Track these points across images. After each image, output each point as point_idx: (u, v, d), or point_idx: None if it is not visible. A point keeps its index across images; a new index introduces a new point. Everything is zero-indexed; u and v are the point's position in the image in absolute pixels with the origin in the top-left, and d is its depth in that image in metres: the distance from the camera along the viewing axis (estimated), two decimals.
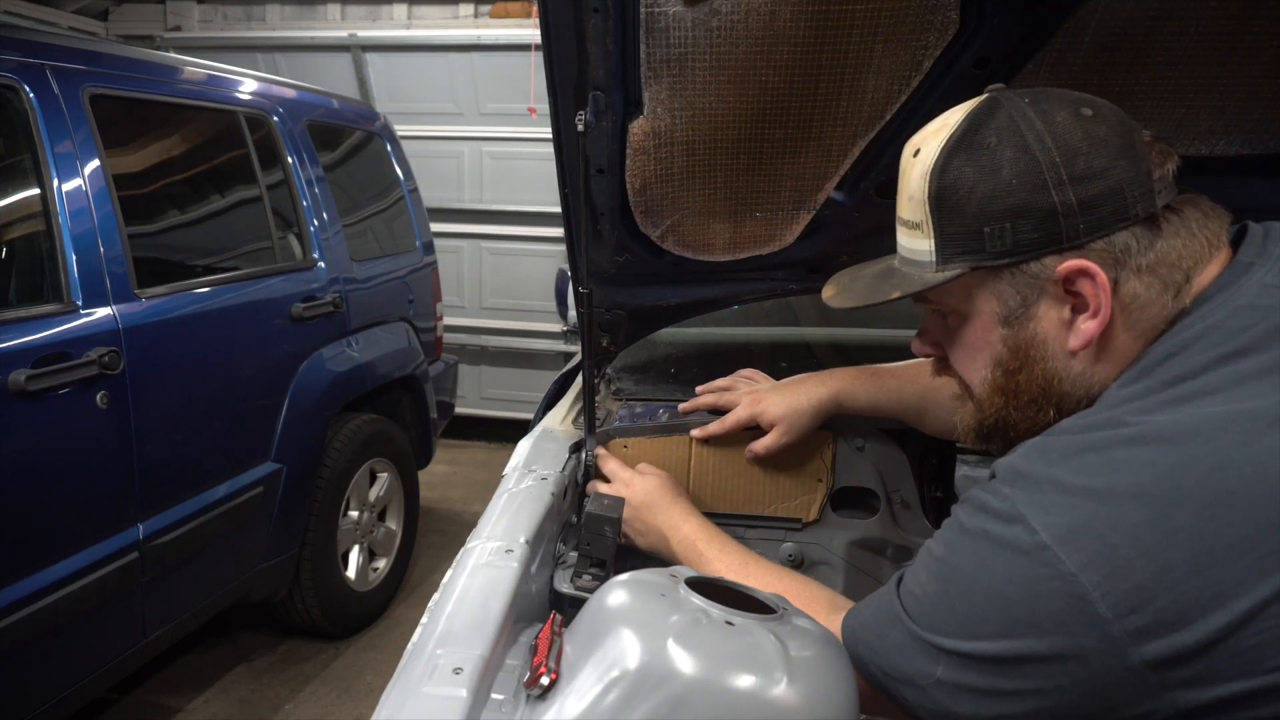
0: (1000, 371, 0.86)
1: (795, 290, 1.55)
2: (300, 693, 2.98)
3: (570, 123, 1.13)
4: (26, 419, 2.02)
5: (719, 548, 1.16)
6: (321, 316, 3.10)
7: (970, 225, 0.81)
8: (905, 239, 0.89)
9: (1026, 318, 0.83)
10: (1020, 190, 0.78)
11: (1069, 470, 0.73)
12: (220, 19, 6.14)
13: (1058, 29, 1.02)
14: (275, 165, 3.10)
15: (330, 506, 3.14)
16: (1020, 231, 0.79)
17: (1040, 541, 0.70)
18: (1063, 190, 0.78)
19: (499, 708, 0.81)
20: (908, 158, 0.87)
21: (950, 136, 0.82)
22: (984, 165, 0.80)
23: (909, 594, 0.82)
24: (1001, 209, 0.79)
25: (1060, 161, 0.78)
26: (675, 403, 1.57)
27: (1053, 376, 0.83)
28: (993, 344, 0.86)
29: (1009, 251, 0.80)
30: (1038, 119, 0.79)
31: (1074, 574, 0.68)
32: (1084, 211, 0.77)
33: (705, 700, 0.73)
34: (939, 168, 0.82)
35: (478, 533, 1.09)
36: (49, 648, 2.10)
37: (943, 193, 0.82)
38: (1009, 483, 0.76)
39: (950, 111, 0.86)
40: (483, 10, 5.70)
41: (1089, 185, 0.77)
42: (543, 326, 5.34)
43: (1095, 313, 0.79)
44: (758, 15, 1.01)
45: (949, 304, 0.89)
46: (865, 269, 0.98)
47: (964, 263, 0.83)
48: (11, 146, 2.16)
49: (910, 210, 0.86)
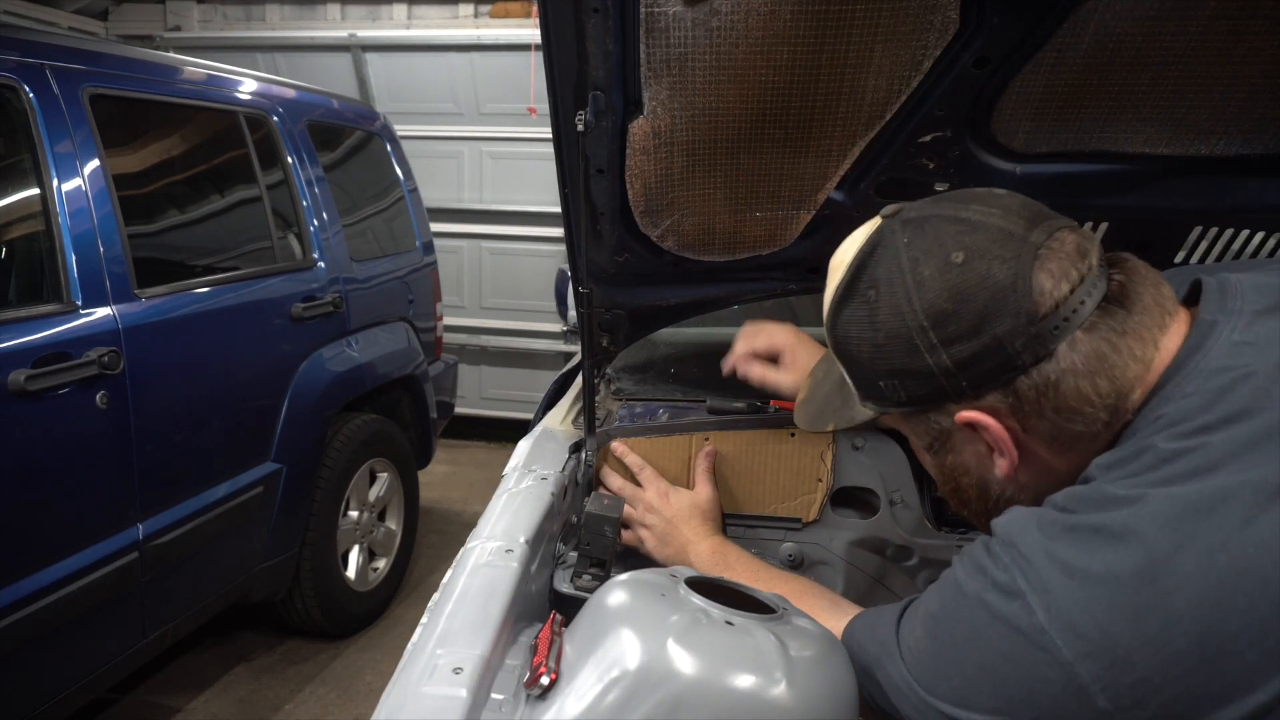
0: (941, 479, 0.89)
1: (795, 290, 1.55)
2: (300, 693, 2.98)
3: (570, 123, 1.13)
4: (26, 419, 2.02)
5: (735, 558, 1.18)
6: (321, 316, 3.10)
7: (866, 376, 0.84)
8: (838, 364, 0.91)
9: (945, 451, 0.84)
10: (896, 353, 0.78)
11: (1066, 548, 0.69)
12: (220, 19, 6.14)
13: (1058, 29, 1.02)
14: (275, 165, 3.10)
15: (330, 506, 3.14)
16: (909, 388, 0.80)
17: (1038, 624, 0.67)
18: (935, 354, 0.76)
19: (499, 708, 0.81)
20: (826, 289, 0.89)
21: (841, 280, 0.84)
22: (864, 322, 0.81)
23: (905, 639, 0.81)
24: (885, 368, 0.80)
25: (927, 325, 0.76)
26: (675, 403, 1.57)
27: (986, 496, 0.85)
28: (927, 463, 0.89)
29: (906, 402, 0.82)
30: (909, 272, 0.77)
31: (1072, 663, 0.65)
32: (963, 371, 0.76)
33: (705, 700, 0.73)
34: (831, 319, 0.85)
35: (478, 533, 1.09)
36: (49, 648, 2.10)
37: (837, 345, 0.86)
38: (1006, 549, 0.73)
39: (851, 239, 0.87)
40: (483, 10, 5.70)
41: (962, 347, 0.75)
42: (543, 326, 5.34)
43: (1002, 454, 0.79)
44: (758, 15, 1.01)
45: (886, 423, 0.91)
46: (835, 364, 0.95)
47: (875, 406, 0.86)
48: (11, 146, 2.16)
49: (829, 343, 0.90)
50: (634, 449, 1.42)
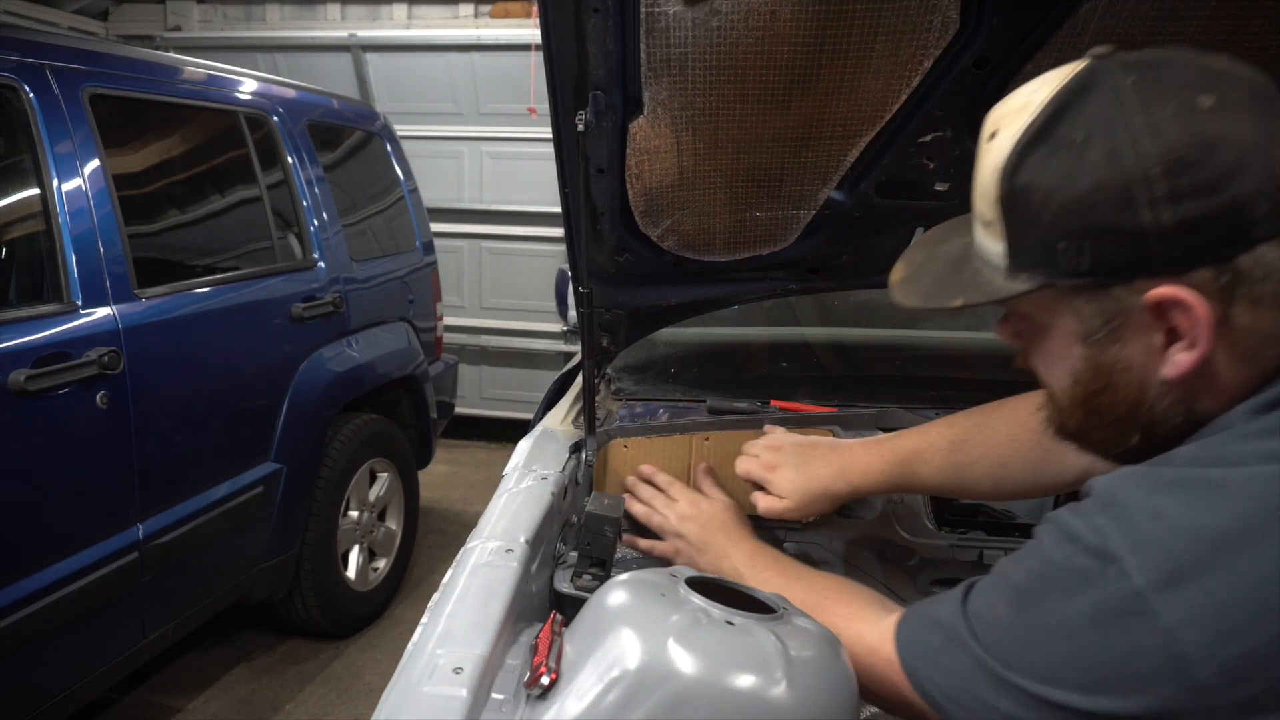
0: (1080, 388, 0.75)
1: (795, 290, 1.55)
2: (300, 693, 2.98)
3: (570, 123, 1.13)
4: (26, 419, 2.01)
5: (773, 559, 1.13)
6: (321, 316, 3.10)
7: (1043, 238, 0.70)
8: (979, 232, 0.78)
9: (1110, 340, 0.71)
10: (1103, 206, 0.66)
11: (1175, 502, 0.62)
12: (220, 19, 6.14)
13: (1058, 29, 1.02)
14: (275, 165, 3.10)
15: (330, 506, 3.14)
16: (1100, 253, 0.67)
17: (1135, 588, 0.61)
18: (1156, 210, 0.64)
19: (499, 708, 0.81)
20: (983, 140, 0.75)
21: (1031, 123, 0.69)
22: (1063, 169, 0.67)
23: (979, 618, 0.73)
24: (1079, 226, 0.67)
25: (1157, 174, 0.64)
26: (675, 403, 1.57)
27: (1139, 403, 0.72)
28: (1072, 358, 0.75)
29: (1086, 272, 0.69)
30: (1138, 111, 0.65)
31: (1173, 629, 0.59)
32: (1183, 236, 0.64)
33: (705, 700, 0.73)
34: (1011, 165, 0.70)
35: (478, 533, 1.09)
36: (49, 648, 2.10)
37: (1014, 196, 0.71)
38: (1103, 509, 0.66)
39: (1039, 80, 0.72)
40: (483, 10, 5.70)
41: (1193, 205, 0.63)
42: (543, 326, 5.34)
43: (1192, 345, 0.67)
44: (758, 15, 1.01)
45: (1024, 310, 0.78)
46: (946, 241, 0.86)
47: (1035, 277, 0.72)
48: (11, 146, 2.16)
49: (982, 204, 0.75)
50: (634, 449, 1.42)
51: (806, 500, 1.21)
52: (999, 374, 1.86)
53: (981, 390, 1.63)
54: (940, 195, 1.30)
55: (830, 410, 1.50)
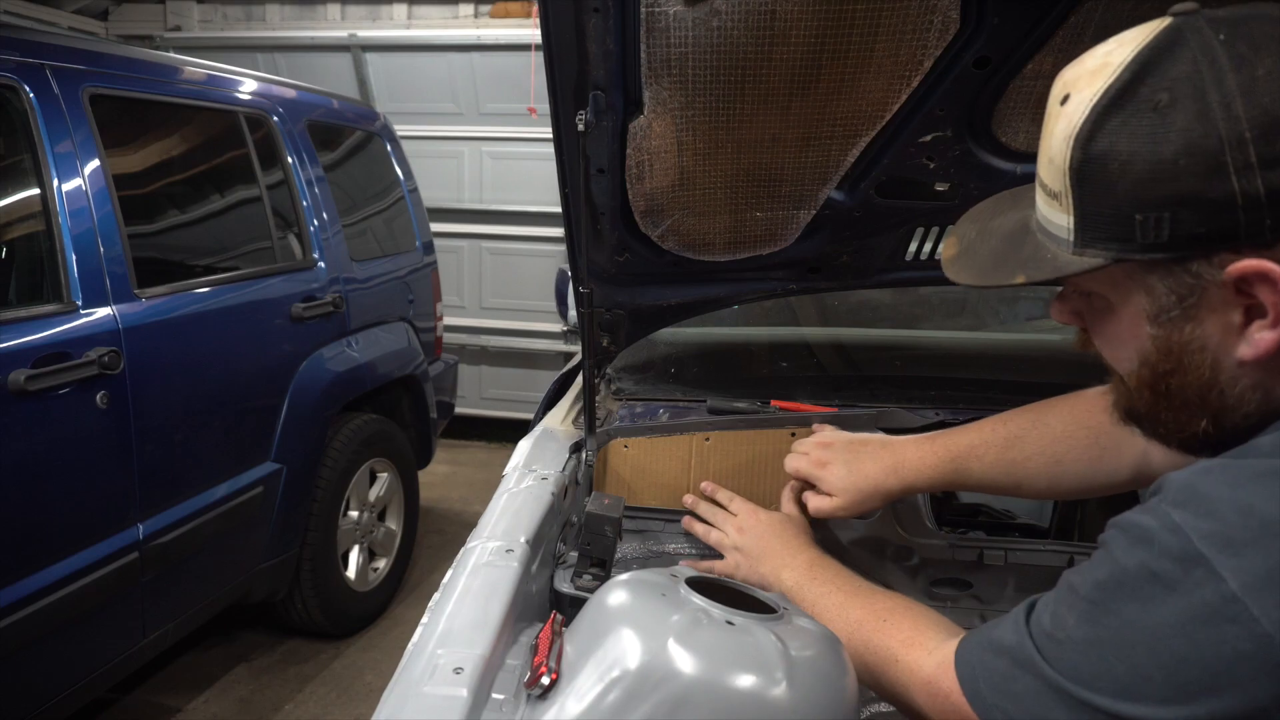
0: (1148, 370, 0.71)
1: (795, 290, 1.55)
2: (300, 693, 2.98)
3: (570, 123, 1.13)
4: (26, 419, 2.02)
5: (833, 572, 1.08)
6: (321, 316, 3.10)
7: (1119, 209, 0.65)
8: (1043, 204, 0.72)
9: (1184, 318, 0.67)
10: (1189, 173, 0.61)
11: (1265, 496, 0.58)
12: (220, 19, 6.14)
13: (1058, 29, 1.02)
14: (275, 165, 3.10)
15: (330, 506, 3.14)
16: (1182, 224, 0.63)
17: (1228, 592, 0.57)
18: (1248, 176, 0.60)
19: (499, 707, 0.81)
20: (1054, 102, 0.69)
21: (1109, 85, 0.64)
22: (1146, 133, 0.62)
23: (1047, 637, 0.69)
24: (1161, 195, 0.63)
25: (1251, 137, 0.59)
26: (675, 403, 1.57)
27: (1212, 386, 0.68)
28: (1140, 339, 0.70)
29: (1164, 245, 0.64)
30: (1231, 69, 0.61)
31: (1273, 636, 0.55)
32: (1275, 205, 0.60)
33: (706, 700, 0.73)
34: (1086, 131, 0.65)
35: (478, 533, 1.09)
36: (49, 648, 2.10)
37: (1088, 165, 0.65)
38: (1182, 506, 0.62)
39: (1118, 39, 0.67)
40: (483, 10, 5.70)
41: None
42: (543, 326, 5.34)
43: (1276, 322, 0.63)
44: (758, 15, 1.01)
45: (1089, 287, 0.74)
46: (998, 215, 0.82)
47: (1107, 251, 0.67)
48: (11, 146, 2.16)
49: (1049, 174, 0.70)
50: (635, 449, 1.42)
51: (858, 498, 1.19)
52: (999, 374, 1.87)
53: (982, 390, 1.63)
54: (940, 195, 1.30)
55: (830, 410, 1.50)
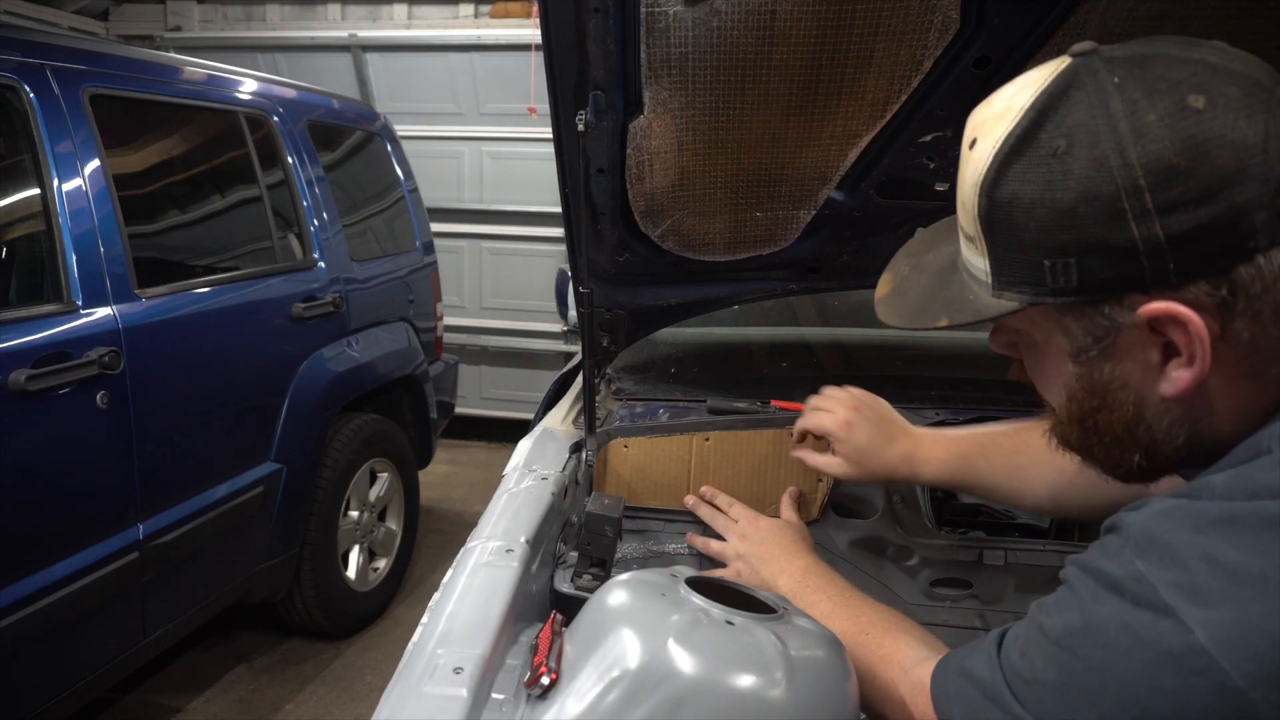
0: (1075, 405, 0.72)
1: (795, 290, 1.55)
2: (300, 693, 2.98)
3: (570, 123, 1.13)
4: (26, 419, 2.02)
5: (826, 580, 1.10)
6: (321, 316, 3.10)
7: (1027, 254, 0.66)
8: (964, 246, 0.74)
9: (1103, 358, 0.68)
10: (1089, 220, 0.62)
11: (1229, 544, 0.57)
12: (220, 19, 6.14)
13: (1058, 29, 1.02)
14: (275, 165, 3.10)
15: (330, 506, 3.14)
16: (1088, 269, 0.63)
17: (1196, 644, 0.55)
18: (1146, 223, 0.60)
19: (499, 707, 0.81)
20: (964, 148, 0.71)
21: (1011, 131, 0.65)
22: (1045, 180, 0.63)
23: (1016, 675, 0.67)
24: (1065, 241, 0.63)
25: (1145, 184, 0.60)
26: (675, 403, 1.57)
27: (1137, 422, 0.68)
28: (1065, 376, 0.71)
29: (1075, 290, 0.64)
30: (1123, 116, 0.61)
31: (1243, 690, 0.54)
32: (1176, 250, 0.60)
33: (705, 700, 0.73)
34: (991, 178, 0.66)
35: (478, 532, 1.09)
36: (49, 648, 2.10)
37: (995, 211, 0.67)
38: (1143, 553, 0.60)
39: (1021, 81, 0.68)
40: (483, 10, 5.70)
41: (1186, 216, 0.59)
42: (543, 326, 5.34)
43: (1190, 362, 0.63)
44: (758, 15, 1.01)
45: (1013, 325, 0.75)
46: (932, 249, 0.83)
47: (1021, 295, 0.68)
48: (11, 146, 2.16)
49: (964, 218, 0.71)
50: (635, 449, 1.42)
51: (866, 472, 1.19)
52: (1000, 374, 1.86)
53: (981, 390, 1.63)
54: (940, 195, 1.30)
55: None
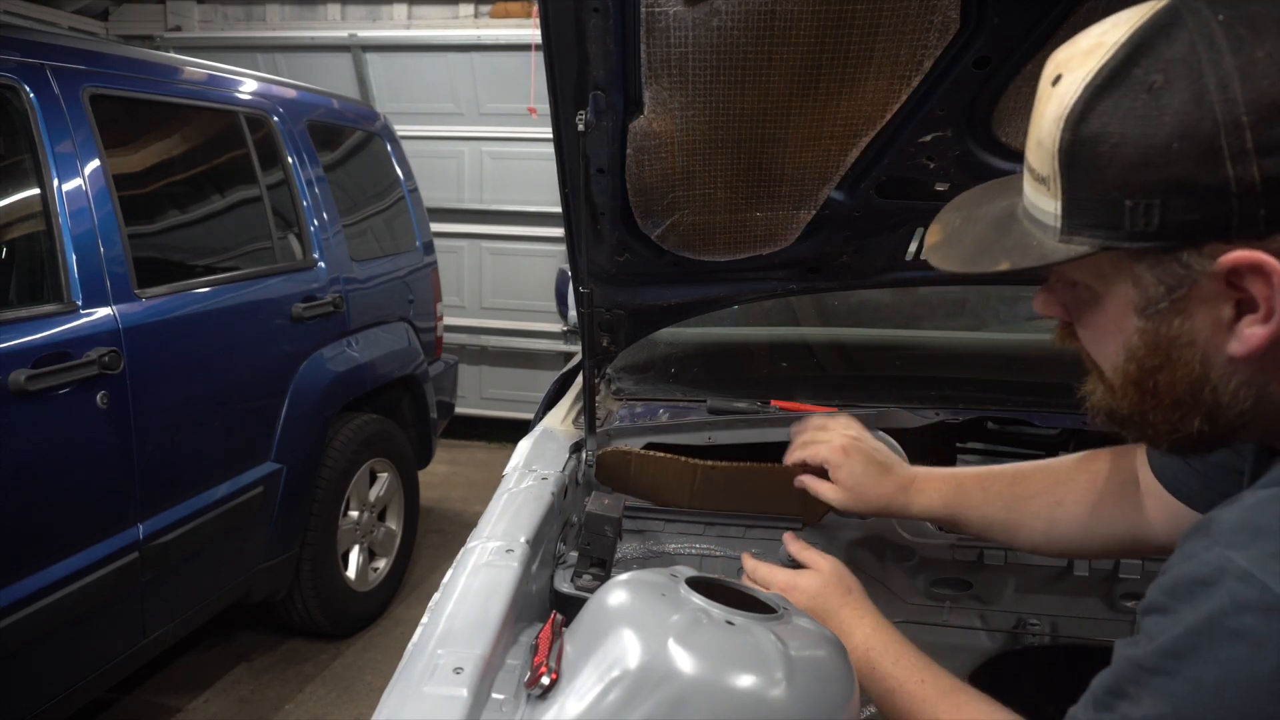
0: (1135, 365, 0.68)
1: (795, 290, 1.56)
2: (300, 693, 2.98)
3: (570, 123, 1.13)
4: (26, 419, 2.01)
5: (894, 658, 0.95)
6: (321, 316, 3.09)
7: (1108, 195, 0.62)
8: (1030, 190, 0.70)
9: (1172, 311, 0.64)
10: (1182, 158, 0.58)
11: None
12: (220, 19, 6.14)
13: (1058, 29, 1.02)
14: (275, 165, 3.10)
15: (330, 506, 3.14)
16: (1173, 211, 0.60)
17: None
18: (1243, 163, 0.57)
19: (499, 707, 0.81)
20: (1044, 83, 0.67)
21: (1103, 65, 0.62)
22: (1139, 115, 0.60)
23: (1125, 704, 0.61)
24: (1152, 180, 0.60)
25: (1248, 122, 0.57)
26: (675, 403, 1.57)
27: (1202, 383, 0.65)
28: (1126, 332, 0.68)
29: (1154, 233, 0.61)
30: (1229, 51, 0.58)
31: None
32: (1270, 194, 0.57)
33: (706, 700, 0.73)
34: (1078, 112, 0.62)
35: (478, 533, 1.09)
36: (49, 648, 2.10)
37: (1078, 147, 0.63)
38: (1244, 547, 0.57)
39: (1112, 20, 0.64)
40: (483, 10, 5.70)
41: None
42: (543, 326, 5.34)
43: (1267, 317, 0.61)
44: (758, 15, 1.01)
45: (1075, 276, 0.71)
46: (985, 203, 0.79)
47: (1094, 239, 0.64)
48: (11, 146, 2.16)
49: (1037, 158, 0.67)
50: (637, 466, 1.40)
51: (863, 502, 1.18)
52: (999, 374, 1.87)
53: (981, 390, 1.63)
54: (940, 195, 1.30)
55: (830, 410, 1.50)
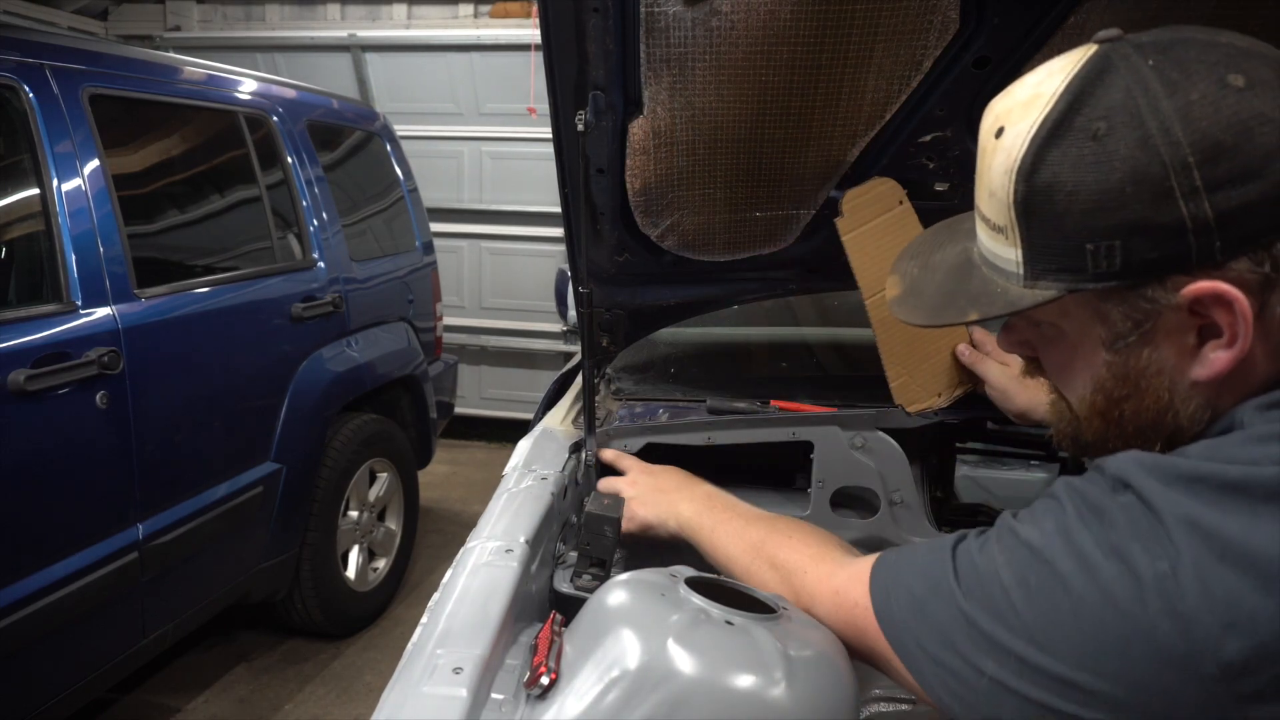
0: (1102, 396, 0.71)
1: (795, 290, 1.56)
2: (300, 693, 2.98)
3: (570, 123, 1.13)
4: (26, 419, 2.01)
5: (732, 502, 1.09)
6: (321, 316, 3.09)
7: (1069, 239, 0.65)
8: (986, 238, 0.72)
9: (1140, 344, 0.67)
10: (1136, 200, 0.61)
11: (1203, 504, 0.59)
12: (220, 19, 6.14)
13: (1058, 29, 1.02)
14: (275, 165, 3.10)
15: (330, 506, 3.14)
16: (1134, 251, 0.63)
17: (1162, 571, 0.59)
18: (1195, 201, 0.60)
19: (499, 708, 0.81)
20: (987, 135, 0.70)
21: (1045, 116, 0.65)
22: (1089, 162, 0.63)
23: (971, 568, 0.69)
24: (1111, 223, 0.63)
25: (1194, 162, 0.60)
26: (675, 403, 1.57)
27: (1167, 409, 0.68)
28: (1094, 366, 0.71)
29: (1117, 273, 0.64)
30: (1164, 95, 0.61)
31: (1190, 616, 0.57)
32: (1223, 227, 0.61)
33: (705, 700, 0.73)
34: (1028, 164, 0.65)
35: (478, 532, 1.09)
36: (49, 648, 2.10)
37: (1033, 197, 0.66)
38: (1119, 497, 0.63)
39: (1045, 69, 0.68)
40: (483, 10, 5.70)
41: (1232, 193, 0.60)
42: (543, 326, 5.34)
43: (1231, 343, 0.64)
44: (758, 15, 1.01)
45: (1041, 318, 0.74)
46: (937, 250, 0.82)
47: (1058, 282, 0.67)
48: (11, 146, 2.16)
49: (991, 208, 0.70)
50: None
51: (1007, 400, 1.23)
52: None
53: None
54: (940, 195, 1.30)
55: (830, 410, 1.50)
